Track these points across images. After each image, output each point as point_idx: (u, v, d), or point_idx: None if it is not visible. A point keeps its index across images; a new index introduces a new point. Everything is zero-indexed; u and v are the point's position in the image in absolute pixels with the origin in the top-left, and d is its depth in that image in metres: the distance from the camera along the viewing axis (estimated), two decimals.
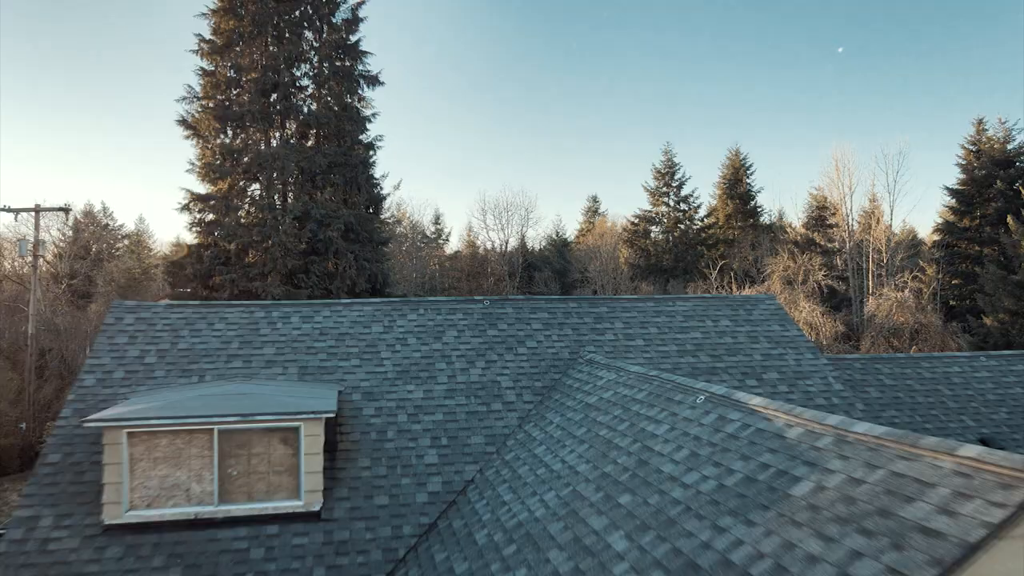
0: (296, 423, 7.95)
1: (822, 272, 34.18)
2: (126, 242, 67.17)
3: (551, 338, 11.01)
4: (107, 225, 63.53)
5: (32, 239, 30.17)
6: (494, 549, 6.61)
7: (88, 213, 63.65)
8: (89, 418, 7.54)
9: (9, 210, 27.81)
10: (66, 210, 29.67)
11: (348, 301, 11.28)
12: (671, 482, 5.86)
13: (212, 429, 7.77)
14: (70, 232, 54.24)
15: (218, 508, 7.72)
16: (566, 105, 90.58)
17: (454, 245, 63.89)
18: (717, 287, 35.72)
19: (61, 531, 7.39)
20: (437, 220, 62.42)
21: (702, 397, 6.84)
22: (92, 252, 54.20)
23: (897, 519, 3.95)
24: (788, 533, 4.40)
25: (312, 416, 7.96)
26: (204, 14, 27.73)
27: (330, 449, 8.56)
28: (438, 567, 6.99)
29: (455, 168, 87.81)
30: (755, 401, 6.16)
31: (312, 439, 8.01)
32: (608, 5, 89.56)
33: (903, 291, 33.57)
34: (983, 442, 11.01)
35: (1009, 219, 40.71)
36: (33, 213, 29.41)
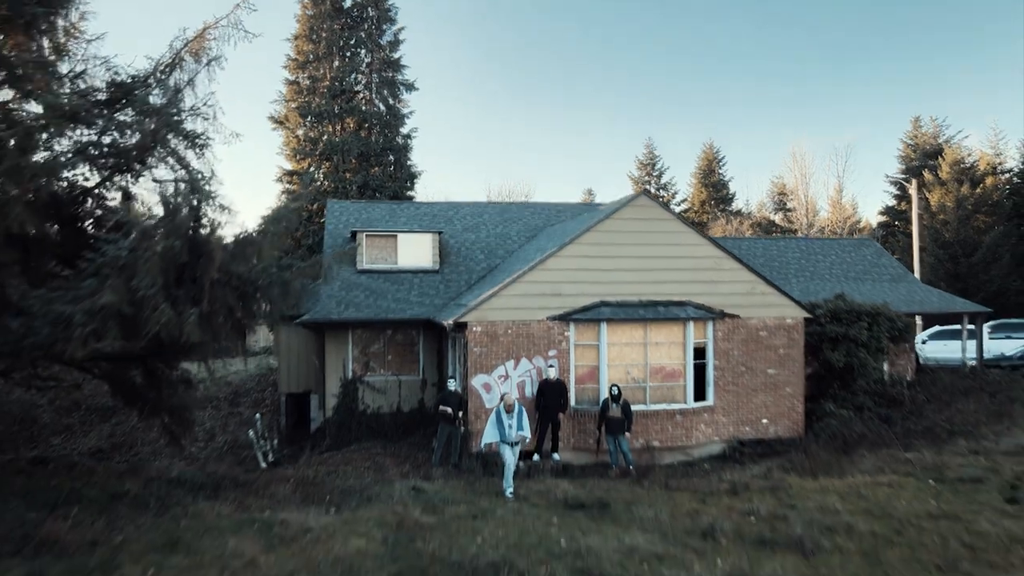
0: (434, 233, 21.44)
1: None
2: None
3: (534, 221, 24.46)
4: None
5: None
6: (511, 269, 19.89)
7: None
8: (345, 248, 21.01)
9: None
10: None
11: (461, 201, 24.67)
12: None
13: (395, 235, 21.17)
14: None
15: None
16: (567, 96, 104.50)
17: None
18: None
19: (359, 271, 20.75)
20: None
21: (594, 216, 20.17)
22: None
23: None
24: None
25: (436, 233, 21.46)
26: (288, 39, 41.35)
27: (442, 253, 21.91)
28: (487, 278, 20.28)
29: (462, 156, 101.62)
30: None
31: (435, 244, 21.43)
32: (599, 10, 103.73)
33: None
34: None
35: (913, 200, 54.18)
36: None
